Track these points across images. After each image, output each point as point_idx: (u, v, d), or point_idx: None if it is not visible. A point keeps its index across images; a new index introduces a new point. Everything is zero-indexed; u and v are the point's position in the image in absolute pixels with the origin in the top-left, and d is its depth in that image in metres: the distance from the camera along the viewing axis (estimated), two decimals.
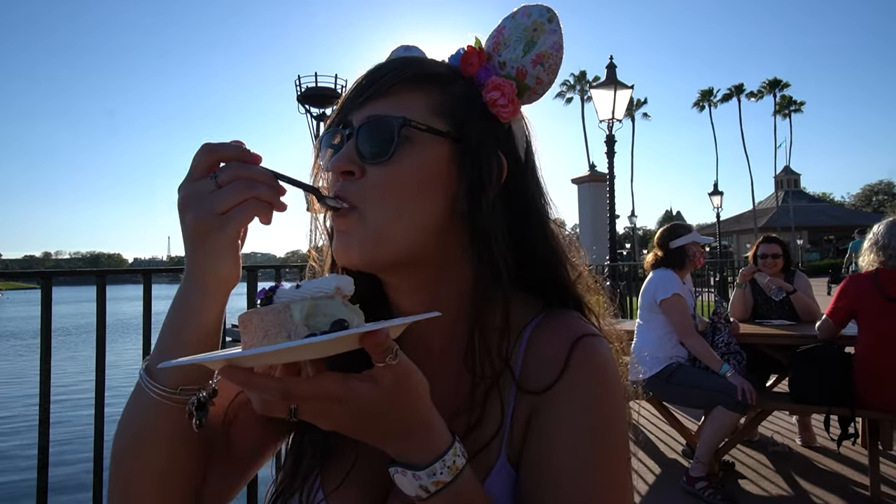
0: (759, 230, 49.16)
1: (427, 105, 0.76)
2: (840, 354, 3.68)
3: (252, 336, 0.60)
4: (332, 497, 0.75)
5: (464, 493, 0.62)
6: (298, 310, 0.60)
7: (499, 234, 0.77)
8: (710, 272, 10.76)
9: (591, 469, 0.70)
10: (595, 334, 0.78)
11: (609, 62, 9.95)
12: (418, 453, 0.61)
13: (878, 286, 3.49)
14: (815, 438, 4.54)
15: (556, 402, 0.73)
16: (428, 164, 0.74)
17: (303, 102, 53.56)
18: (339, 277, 0.63)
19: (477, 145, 0.77)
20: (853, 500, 3.57)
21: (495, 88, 0.79)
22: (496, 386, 0.75)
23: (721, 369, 3.63)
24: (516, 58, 0.81)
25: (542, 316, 0.81)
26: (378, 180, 0.73)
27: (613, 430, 0.73)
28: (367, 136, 0.74)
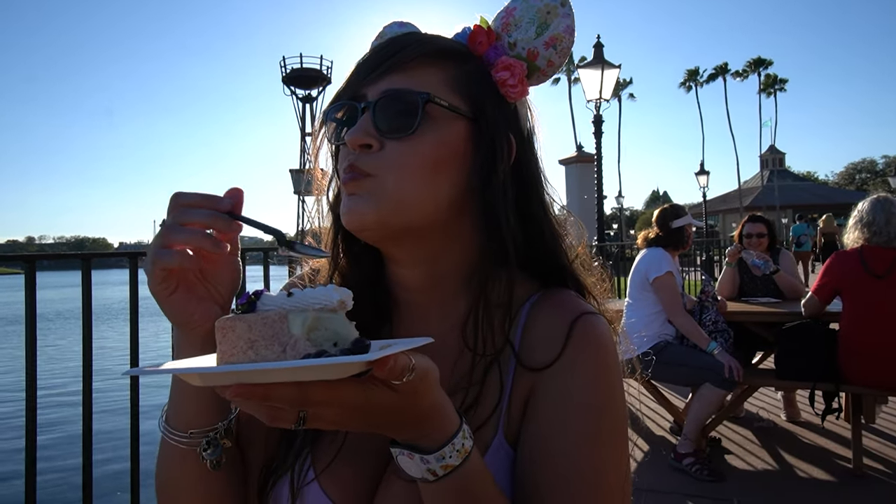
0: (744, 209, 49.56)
1: (444, 81, 0.76)
2: (825, 331, 3.73)
3: (233, 346, 0.55)
4: (323, 476, 0.75)
5: (470, 475, 0.61)
6: (300, 322, 0.55)
7: (509, 212, 0.78)
8: (696, 251, 10.85)
9: (592, 447, 0.70)
10: (594, 312, 0.79)
11: (596, 42, 9.90)
12: (428, 438, 0.60)
13: (862, 263, 3.53)
14: (799, 414, 4.62)
15: (556, 379, 0.73)
16: (446, 141, 0.75)
17: (288, 84, 53.02)
18: (340, 290, 0.59)
19: (492, 125, 0.78)
20: (836, 473, 3.64)
21: (505, 69, 0.79)
22: (496, 363, 0.75)
23: (708, 347, 3.67)
24: (528, 39, 0.81)
25: (540, 294, 0.82)
26: (397, 154, 0.73)
27: (614, 408, 0.73)
28: (387, 111, 0.73)
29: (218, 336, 0.56)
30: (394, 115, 0.73)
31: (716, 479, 3.53)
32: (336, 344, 0.58)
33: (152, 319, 4.94)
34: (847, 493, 3.38)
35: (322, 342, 0.56)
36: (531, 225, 0.82)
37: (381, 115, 0.73)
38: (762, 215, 4.86)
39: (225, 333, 0.56)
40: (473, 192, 0.77)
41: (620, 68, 10.14)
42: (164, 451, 0.75)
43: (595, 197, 10.94)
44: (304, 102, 53.65)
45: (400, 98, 0.73)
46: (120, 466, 3.87)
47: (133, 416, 2.51)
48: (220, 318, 0.57)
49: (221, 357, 0.56)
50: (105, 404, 5.79)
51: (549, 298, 0.80)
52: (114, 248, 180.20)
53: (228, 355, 0.55)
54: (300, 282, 0.90)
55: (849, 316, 3.60)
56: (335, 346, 0.57)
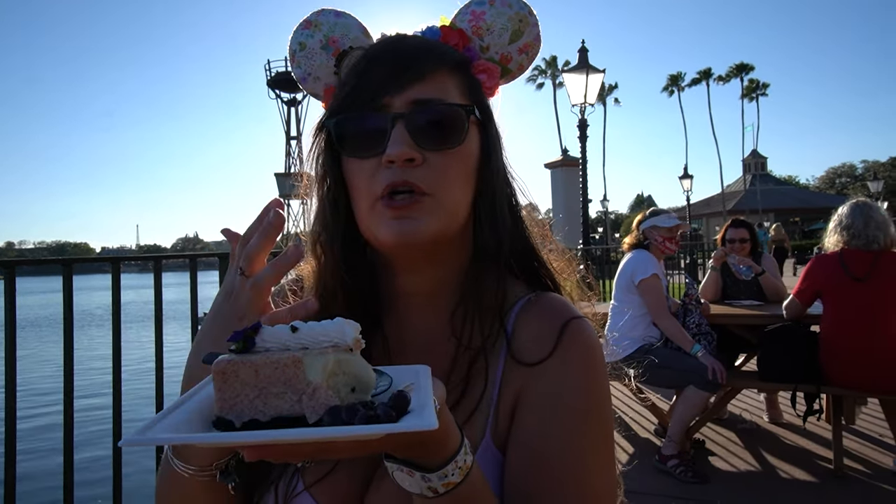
0: (727, 213, 50.08)
1: (458, 90, 0.78)
2: (806, 333, 3.78)
3: (236, 392, 0.50)
4: (314, 489, 0.74)
5: (471, 491, 0.60)
6: (320, 368, 0.50)
7: (506, 213, 0.80)
8: (680, 255, 10.94)
9: (581, 450, 0.71)
10: (583, 317, 0.79)
11: (581, 46, 9.97)
12: (431, 456, 0.57)
13: (842, 266, 3.58)
14: (781, 415, 4.67)
15: (545, 382, 0.73)
16: (473, 150, 0.78)
17: (273, 87, 52.74)
18: (350, 324, 0.55)
19: (494, 129, 0.81)
20: (818, 473, 3.68)
21: (483, 71, 0.82)
22: (483, 356, 0.75)
23: (692, 349, 3.70)
24: (502, 44, 0.83)
25: (528, 297, 0.82)
26: (444, 169, 0.73)
27: (602, 411, 0.74)
28: (425, 122, 0.73)
29: (217, 380, 0.51)
30: (435, 127, 0.73)
31: (700, 481, 3.55)
32: (354, 389, 0.53)
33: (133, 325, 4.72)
34: (828, 492, 3.42)
35: (340, 388, 0.51)
36: (514, 223, 0.84)
37: (420, 127, 0.72)
38: (745, 219, 4.91)
39: (226, 379, 0.50)
40: (480, 195, 0.79)
41: (605, 73, 10.22)
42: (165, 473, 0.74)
43: (580, 200, 11.00)
44: (290, 106, 53.42)
45: (441, 110, 0.73)
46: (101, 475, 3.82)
47: (115, 424, 2.48)
48: (220, 361, 0.51)
49: (223, 405, 0.50)
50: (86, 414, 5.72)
51: (538, 302, 0.81)
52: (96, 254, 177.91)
53: (231, 404, 0.50)
54: (282, 300, 0.88)
55: (829, 318, 3.64)
56: (353, 391, 0.53)
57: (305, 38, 0.86)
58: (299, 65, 0.87)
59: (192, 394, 0.58)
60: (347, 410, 0.48)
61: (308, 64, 0.86)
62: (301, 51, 0.86)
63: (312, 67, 0.86)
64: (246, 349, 0.53)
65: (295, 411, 0.49)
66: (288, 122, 53.46)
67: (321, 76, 0.86)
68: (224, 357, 0.52)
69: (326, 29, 0.85)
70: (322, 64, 0.85)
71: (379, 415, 0.48)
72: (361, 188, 0.75)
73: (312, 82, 0.87)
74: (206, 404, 0.55)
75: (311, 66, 0.86)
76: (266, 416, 0.50)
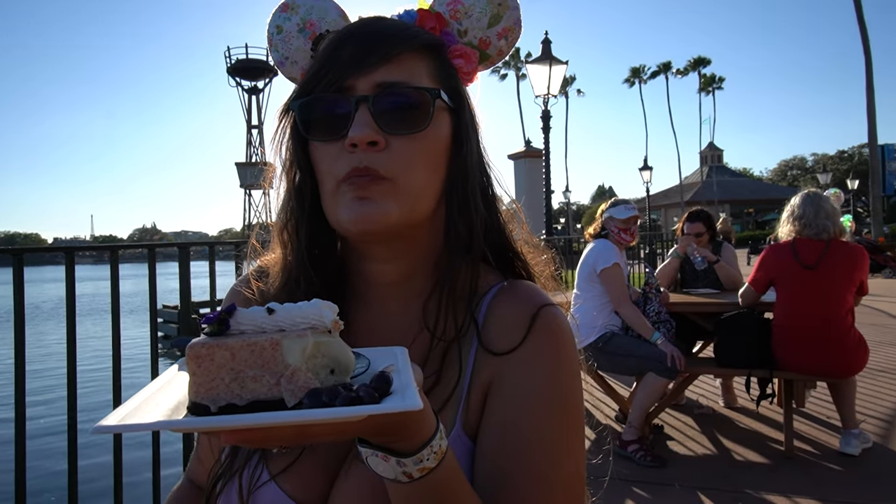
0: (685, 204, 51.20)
1: (429, 74, 0.76)
2: (760, 320, 3.91)
3: (212, 376, 0.48)
4: (280, 478, 0.73)
5: (445, 476, 0.59)
6: (299, 350, 0.49)
7: (479, 201, 0.79)
8: (639, 245, 11.14)
9: (554, 436, 0.71)
10: (555, 304, 0.79)
11: (544, 38, 10.00)
12: (406, 441, 0.56)
13: (794, 254, 3.70)
14: (736, 400, 4.82)
15: (518, 369, 0.73)
16: (442, 135, 0.76)
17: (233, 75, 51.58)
18: (328, 305, 0.53)
19: (467, 115, 0.79)
20: (770, 455, 3.82)
21: (460, 56, 0.80)
22: (456, 345, 0.75)
23: (652, 337, 3.79)
24: (481, 28, 0.82)
25: (501, 284, 0.81)
26: (408, 154, 0.72)
27: (574, 398, 0.75)
28: (391, 106, 0.71)
29: (191, 364, 0.49)
30: (399, 111, 0.71)
31: (658, 465, 3.65)
32: (333, 371, 0.52)
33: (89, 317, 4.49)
34: (779, 473, 3.55)
35: (319, 370, 0.50)
36: (489, 212, 0.83)
37: (384, 111, 0.71)
38: (702, 209, 5.01)
39: (201, 362, 0.49)
40: (451, 182, 0.77)
41: (568, 65, 10.28)
42: None
43: (543, 191, 11.08)
44: (251, 94, 52.39)
45: (406, 94, 0.72)
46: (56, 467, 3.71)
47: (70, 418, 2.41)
48: (194, 343, 0.50)
49: (198, 390, 0.49)
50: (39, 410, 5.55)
51: (511, 289, 0.80)
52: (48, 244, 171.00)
53: (206, 388, 0.48)
54: (246, 290, 0.87)
55: (782, 305, 3.77)
56: (332, 374, 0.52)
57: (282, 22, 0.84)
58: (276, 48, 0.85)
59: (165, 381, 0.56)
60: (328, 392, 0.47)
61: (285, 48, 0.84)
62: (278, 34, 0.84)
63: (289, 51, 0.84)
64: (220, 332, 0.51)
65: (273, 395, 0.48)
66: (249, 111, 52.46)
67: (298, 60, 0.84)
68: (198, 340, 0.50)
69: (304, 12, 0.83)
70: (299, 48, 0.83)
71: (361, 396, 0.47)
72: (325, 172, 0.74)
73: (290, 66, 0.85)
74: (179, 391, 0.54)
75: (289, 50, 0.84)
76: (243, 401, 0.48)
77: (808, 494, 3.22)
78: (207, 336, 0.51)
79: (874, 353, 3.79)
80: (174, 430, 0.49)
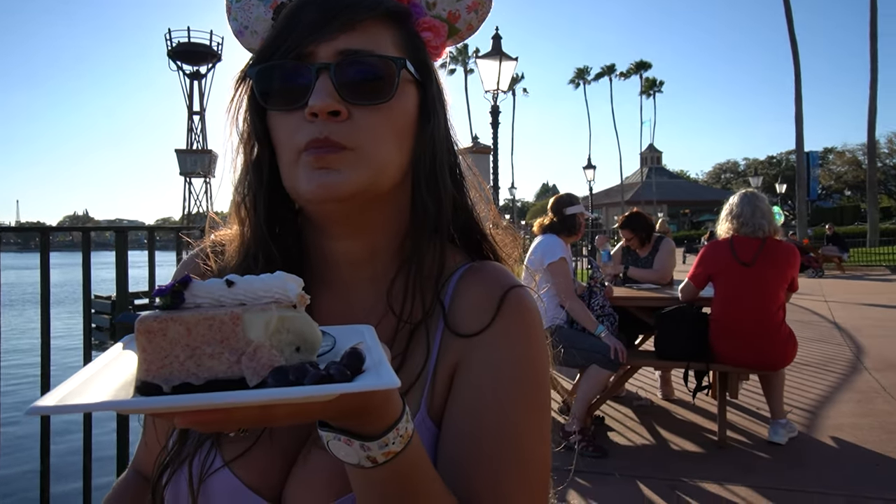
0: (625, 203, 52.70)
1: (394, 44, 0.72)
2: (698, 314, 4.04)
3: (165, 353, 0.44)
4: (234, 464, 0.69)
5: (411, 459, 0.57)
6: (262, 324, 0.45)
7: (447, 179, 0.76)
8: (582, 242, 11.40)
9: (523, 419, 0.70)
10: (524, 286, 0.77)
11: (495, 33, 10.05)
12: (371, 424, 0.53)
13: (732, 251, 3.84)
14: (673, 392, 4.99)
15: (486, 350, 0.71)
16: (407, 108, 0.73)
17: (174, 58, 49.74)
18: (292, 277, 0.50)
19: (434, 89, 0.76)
20: (705, 445, 3.97)
21: (428, 29, 0.77)
22: (423, 327, 0.72)
23: (596, 330, 3.86)
24: (450, 1, 0.79)
25: (468, 265, 0.79)
26: (371, 124, 0.68)
27: (542, 379, 0.73)
28: (354, 75, 0.67)
29: (141, 340, 0.45)
30: (362, 80, 0.68)
31: (600, 455, 3.73)
32: (299, 349, 0.49)
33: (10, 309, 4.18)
34: (713, 462, 3.69)
35: (283, 347, 0.47)
36: (458, 191, 0.80)
37: (347, 80, 0.67)
38: (631, 215, 5.28)
39: (152, 337, 0.44)
40: (418, 158, 0.74)
41: (518, 61, 10.37)
42: None
43: (490, 187, 11.15)
44: (192, 79, 50.69)
45: (370, 62, 0.68)
46: None
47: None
48: (144, 317, 0.45)
49: (148, 368, 0.44)
50: None
51: (478, 270, 0.78)
52: None
53: (158, 366, 0.44)
54: (203, 262, 0.82)
55: (719, 300, 3.91)
56: (298, 351, 0.48)
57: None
58: (235, 17, 0.80)
59: (108, 359, 0.51)
60: (295, 371, 0.44)
61: (244, 17, 0.79)
62: (237, 2, 0.79)
63: (249, 20, 0.79)
64: (174, 305, 0.47)
65: (233, 373, 0.44)
66: (190, 97, 50.75)
67: (258, 30, 0.79)
68: (149, 313, 0.45)
69: None
70: (259, 17, 0.79)
71: (332, 374, 0.44)
72: (284, 143, 0.70)
73: (249, 36, 0.80)
74: (126, 370, 0.49)
75: (248, 19, 0.79)
76: (200, 380, 0.44)
77: (739, 482, 3.36)
78: (160, 309, 0.47)
79: (799, 348, 3.98)
80: (121, 411, 0.44)
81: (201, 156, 48.53)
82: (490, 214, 0.86)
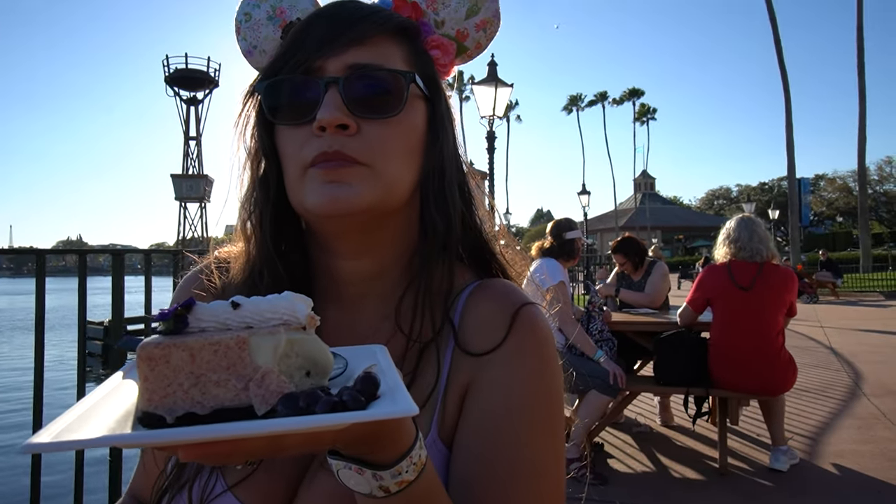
0: (619, 229, 52.94)
1: (403, 59, 0.72)
2: (697, 339, 4.02)
3: (168, 382, 0.42)
4: (237, 489, 0.66)
5: (425, 488, 0.54)
6: (270, 348, 0.43)
7: (456, 196, 0.75)
8: (577, 267, 11.40)
9: (537, 438, 0.68)
10: (535, 303, 0.76)
11: (490, 60, 10.16)
12: (383, 452, 0.50)
13: (730, 276, 3.84)
14: (672, 418, 4.94)
15: (498, 369, 0.69)
16: (416, 123, 0.72)
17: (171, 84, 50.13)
18: (301, 298, 0.48)
19: (443, 106, 0.76)
20: (705, 472, 3.91)
21: (437, 47, 0.77)
22: (433, 346, 0.70)
23: (595, 355, 3.83)
24: (458, 19, 0.78)
25: (478, 283, 0.78)
26: (381, 139, 0.68)
27: (555, 398, 0.71)
28: (363, 89, 0.67)
29: (142, 368, 0.42)
30: (372, 95, 0.67)
31: (600, 482, 3.67)
32: (309, 374, 0.46)
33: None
34: (714, 490, 3.63)
35: (293, 372, 0.45)
36: (466, 209, 0.79)
37: (355, 94, 0.67)
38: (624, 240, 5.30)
39: (154, 365, 0.42)
40: (426, 174, 0.74)
41: (513, 87, 10.48)
42: None
43: None
44: (189, 105, 51.01)
45: (378, 76, 0.68)
46: None
47: None
48: (145, 343, 0.43)
49: (150, 397, 0.42)
50: None
51: (488, 287, 0.77)
52: None
53: (161, 395, 0.41)
54: (207, 278, 0.80)
55: (718, 325, 3.89)
56: (308, 376, 0.46)
57: (251, 9, 0.79)
58: (244, 37, 0.80)
59: (107, 390, 0.48)
60: (306, 397, 0.41)
61: (253, 36, 0.79)
62: (246, 22, 0.79)
63: (258, 40, 0.79)
64: (177, 330, 0.44)
65: (240, 401, 0.42)
66: (187, 122, 50.99)
67: (267, 49, 0.79)
68: (151, 339, 0.43)
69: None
70: (268, 36, 0.79)
71: (346, 401, 0.42)
72: (291, 158, 0.69)
73: (259, 55, 0.80)
74: (127, 400, 0.46)
75: (257, 39, 0.79)
76: (205, 409, 0.42)
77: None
78: (162, 335, 0.44)
79: (798, 374, 3.96)
80: (121, 446, 0.42)
81: (197, 180, 48.64)
82: (499, 233, 0.85)
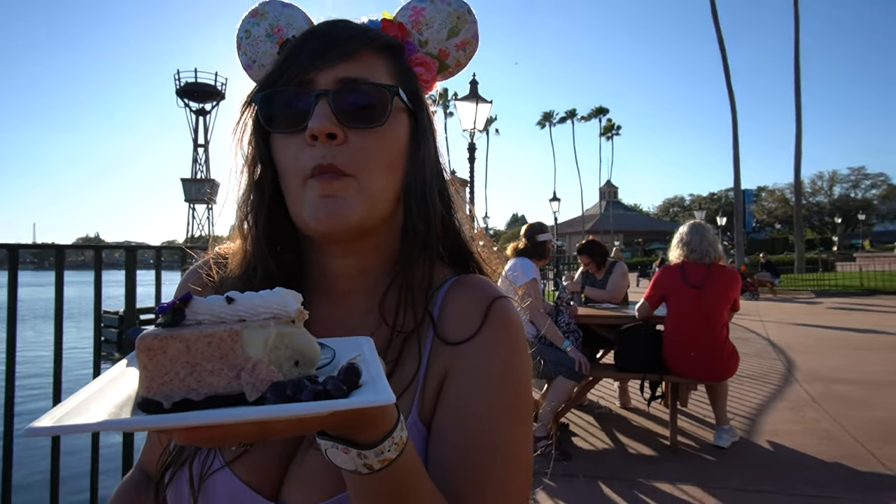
0: (585, 232, 53.27)
1: (389, 74, 0.72)
2: (653, 331, 4.06)
3: (165, 370, 0.41)
4: (234, 465, 0.66)
5: (406, 466, 0.54)
6: (260, 340, 0.43)
7: (437, 201, 0.75)
8: (547, 266, 11.48)
9: (508, 423, 0.68)
10: (508, 297, 0.76)
11: (472, 79, 10.19)
12: (367, 433, 0.51)
13: (682, 275, 3.89)
14: (630, 401, 4.98)
15: (473, 358, 0.69)
16: (399, 136, 0.71)
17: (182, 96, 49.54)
18: (291, 293, 0.47)
19: (425, 119, 0.75)
20: (658, 448, 3.96)
21: (420, 65, 0.76)
22: (414, 336, 0.70)
23: (563, 345, 3.85)
24: (440, 39, 0.78)
25: (455, 278, 0.77)
26: (366, 150, 0.67)
27: (526, 386, 0.71)
28: (350, 101, 0.66)
29: (142, 357, 0.42)
30: (358, 106, 0.67)
31: (565, 458, 3.70)
32: (297, 364, 0.45)
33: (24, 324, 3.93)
34: (665, 464, 3.67)
35: (282, 362, 0.44)
36: (446, 212, 0.79)
37: (343, 105, 0.66)
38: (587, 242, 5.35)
39: (153, 355, 0.41)
40: (408, 184, 0.73)
41: (493, 103, 10.50)
42: None
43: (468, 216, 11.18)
44: (198, 115, 50.47)
45: (365, 89, 0.67)
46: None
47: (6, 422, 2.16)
48: (145, 335, 0.42)
49: (149, 385, 0.41)
50: None
51: (465, 282, 0.76)
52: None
53: (159, 383, 0.41)
54: (206, 273, 0.80)
55: (671, 319, 3.93)
56: (296, 366, 0.45)
57: (251, 27, 0.79)
58: (245, 52, 0.79)
59: (111, 376, 0.48)
60: (293, 386, 0.41)
61: (253, 52, 0.79)
62: (247, 38, 0.79)
63: (257, 55, 0.79)
64: (175, 322, 0.44)
65: (232, 389, 0.42)
66: (196, 130, 50.46)
67: (265, 64, 0.78)
68: (150, 331, 0.43)
69: (272, 18, 0.78)
70: (266, 52, 0.78)
71: (329, 390, 0.41)
72: (288, 168, 0.69)
73: (257, 69, 0.79)
74: (128, 387, 0.45)
75: (256, 54, 0.79)
76: (200, 396, 0.41)
77: (689, 482, 3.34)
78: (161, 327, 0.44)
79: (739, 362, 4.03)
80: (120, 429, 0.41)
81: (205, 184, 48.15)
82: (477, 235, 0.85)
